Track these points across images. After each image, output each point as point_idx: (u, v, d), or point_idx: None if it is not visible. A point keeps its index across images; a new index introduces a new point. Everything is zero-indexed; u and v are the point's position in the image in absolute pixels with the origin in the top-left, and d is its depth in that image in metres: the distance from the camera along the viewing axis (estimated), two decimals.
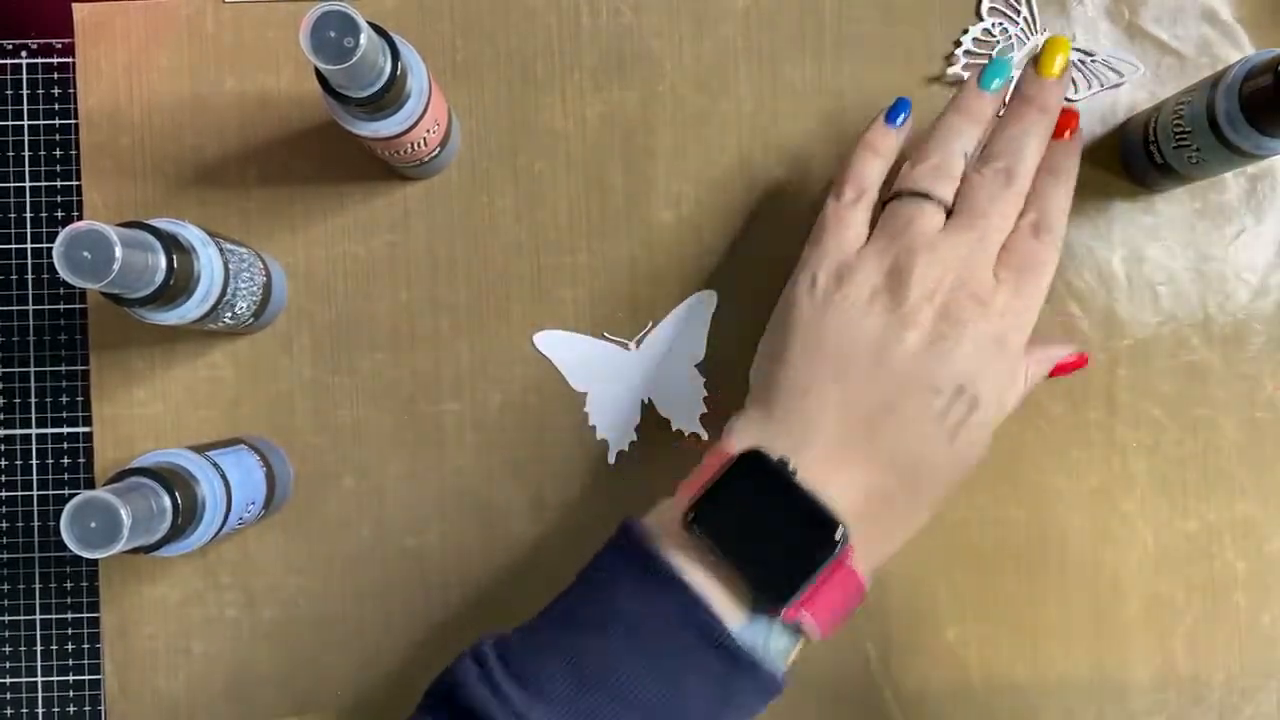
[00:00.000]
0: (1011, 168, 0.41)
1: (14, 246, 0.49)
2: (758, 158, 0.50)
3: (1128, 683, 0.49)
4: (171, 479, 0.38)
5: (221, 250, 0.41)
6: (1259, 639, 0.49)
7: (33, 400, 0.49)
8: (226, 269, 0.41)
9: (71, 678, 0.49)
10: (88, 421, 0.49)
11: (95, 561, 0.48)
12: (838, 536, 0.37)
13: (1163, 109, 0.46)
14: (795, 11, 0.50)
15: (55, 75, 0.49)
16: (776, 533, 0.38)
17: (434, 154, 0.45)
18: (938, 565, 0.49)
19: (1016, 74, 0.44)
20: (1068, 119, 0.43)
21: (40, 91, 0.49)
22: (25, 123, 0.49)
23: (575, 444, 0.49)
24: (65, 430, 0.49)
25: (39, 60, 0.49)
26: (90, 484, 0.49)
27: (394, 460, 0.49)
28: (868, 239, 0.42)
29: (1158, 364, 0.50)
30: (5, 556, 0.49)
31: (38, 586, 0.49)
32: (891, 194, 0.43)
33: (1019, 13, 0.50)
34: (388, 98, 0.39)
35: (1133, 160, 0.49)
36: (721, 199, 0.49)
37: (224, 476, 0.41)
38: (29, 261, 0.49)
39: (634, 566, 0.38)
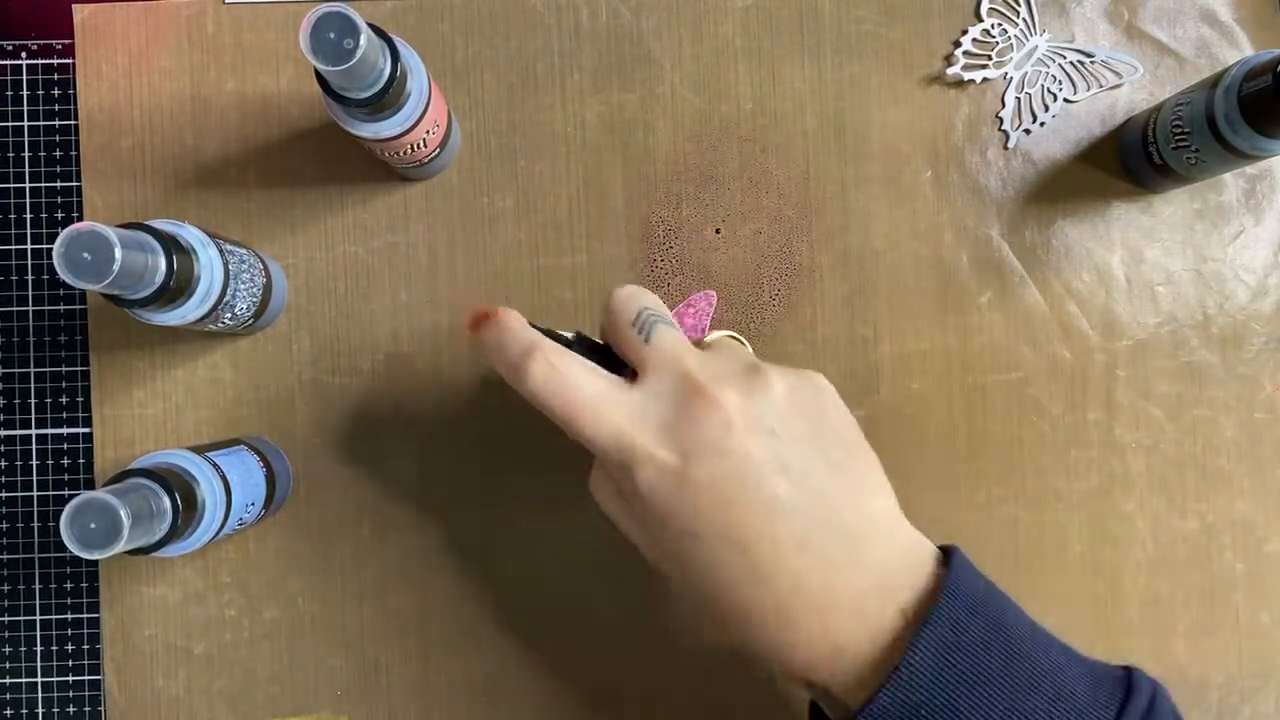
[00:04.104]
0: None
1: (14, 247, 0.49)
2: (758, 158, 0.50)
3: None
4: (171, 480, 0.38)
5: (221, 251, 0.41)
6: (1258, 639, 0.49)
7: (33, 400, 0.49)
8: (226, 270, 0.41)
9: (71, 678, 0.49)
10: (88, 422, 0.49)
11: (95, 562, 0.48)
12: None
13: (1162, 110, 0.46)
14: (795, 11, 0.50)
15: (55, 76, 0.49)
16: None
17: (434, 155, 0.45)
18: None
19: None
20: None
21: (40, 92, 0.49)
22: (25, 123, 0.49)
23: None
24: (65, 430, 0.49)
25: (39, 61, 0.49)
26: (90, 484, 0.49)
27: (394, 460, 0.49)
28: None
29: (1157, 364, 0.50)
30: (5, 557, 0.49)
31: (38, 586, 0.49)
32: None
33: (1018, 13, 0.50)
34: (387, 99, 0.39)
35: (1132, 161, 0.49)
36: (721, 199, 0.50)
37: (224, 477, 0.41)
38: (29, 262, 0.49)
39: None
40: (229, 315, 0.43)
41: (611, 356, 0.39)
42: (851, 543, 0.35)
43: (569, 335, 0.39)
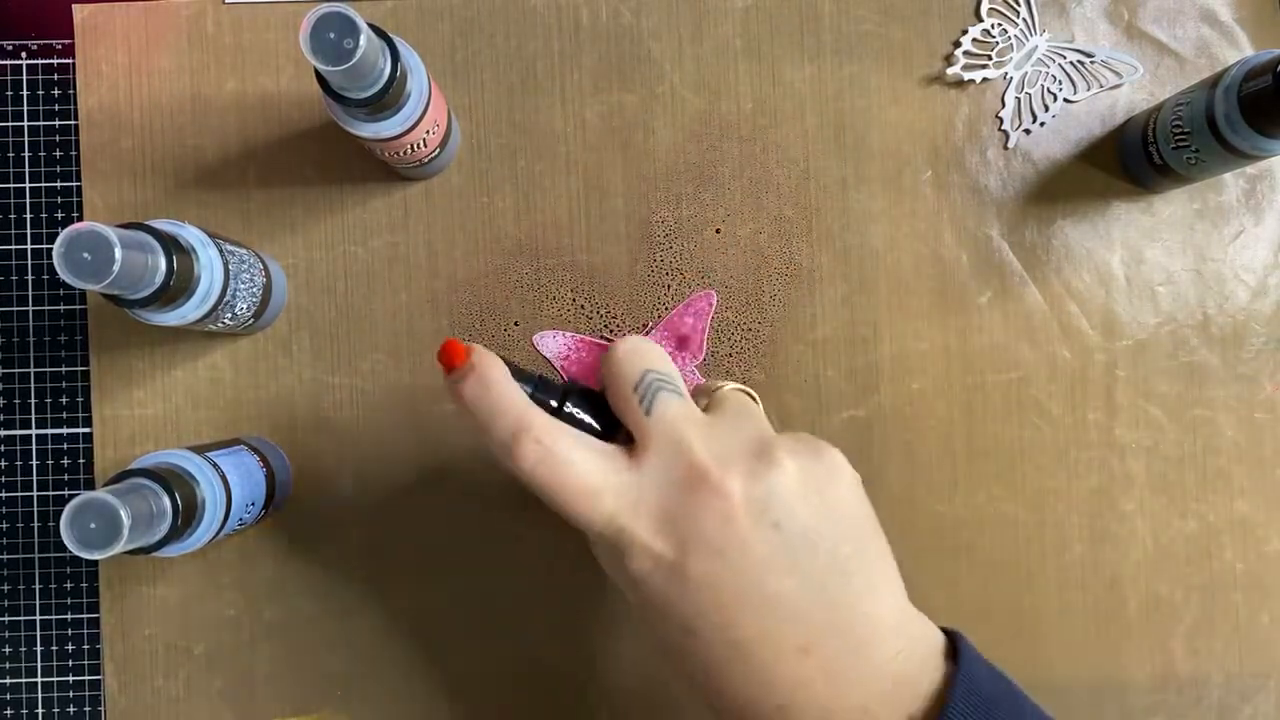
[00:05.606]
0: None
1: (14, 247, 0.49)
2: (758, 157, 0.50)
3: (1127, 683, 0.49)
4: (171, 480, 0.38)
5: (221, 251, 0.41)
6: (1258, 639, 0.49)
7: (33, 400, 0.49)
8: (226, 270, 0.41)
9: (71, 678, 0.49)
10: (88, 422, 0.49)
11: (95, 562, 0.49)
12: None
13: (1162, 110, 0.46)
14: (795, 11, 0.50)
15: (55, 75, 0.49)
16: None
17: (434, 155, 0.45)
18: (936, 565, 0.49)
19: None
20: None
21: (40, 92, 0.49)
22: (25, 123, 0.49)
23: None
24: (65, 430, 0.49)
25: (39, 60, 0.49)
26: (90, 484, 0.49)
27: (393, 460, 0.49)
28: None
29: (1157, 364, 0.50)
30: (5, 557, 0.49)
31: (38, 586, 0.49)
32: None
33: (1018, 13, 0.50)
34: (387, 99, 0.39)
35: (1132, 161, 0.49)
36: (721, 199, 0.50)
37: (224, 477, 0.41)
38: (29, 262, 0.49)
39: None
40: (229, 315, 0.43)
41: (607, 407, 0.38)
42: (858, 649, 0.33)
43: (559, 384, 0.38)
